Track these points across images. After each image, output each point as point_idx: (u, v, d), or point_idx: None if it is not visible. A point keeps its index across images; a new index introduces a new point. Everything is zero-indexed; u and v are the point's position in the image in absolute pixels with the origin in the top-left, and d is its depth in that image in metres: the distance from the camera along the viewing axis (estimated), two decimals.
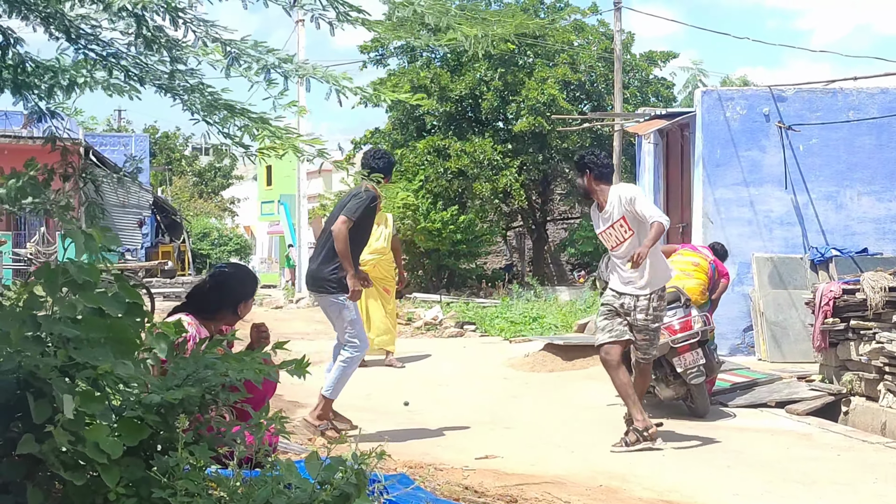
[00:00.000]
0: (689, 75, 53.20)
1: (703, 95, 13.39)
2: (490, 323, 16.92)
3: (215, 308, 5.62)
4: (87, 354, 3.35)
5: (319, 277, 7.91)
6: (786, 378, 10.53)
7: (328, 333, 16.44)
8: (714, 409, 9.18)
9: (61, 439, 3.16)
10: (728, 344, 12.79)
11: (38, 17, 6.09)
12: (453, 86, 26.68)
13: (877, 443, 8.04)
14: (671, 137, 15.39)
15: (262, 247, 60.16)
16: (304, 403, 9.45)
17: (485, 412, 9.41)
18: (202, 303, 5.66)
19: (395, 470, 6.06)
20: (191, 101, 6.38)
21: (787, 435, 8.30)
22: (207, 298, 5.66)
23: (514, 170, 26.39)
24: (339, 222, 7.79)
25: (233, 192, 61.68)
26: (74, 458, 3.25)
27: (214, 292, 5.66)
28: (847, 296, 9.64)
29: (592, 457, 7.38)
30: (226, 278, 5.80)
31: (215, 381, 3.73)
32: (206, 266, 42.97)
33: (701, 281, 9.65)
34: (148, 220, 34.57)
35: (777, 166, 13.07)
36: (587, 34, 28.36)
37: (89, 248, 3.59)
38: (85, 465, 3.27)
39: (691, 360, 8.63)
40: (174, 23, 5.93)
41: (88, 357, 3.34)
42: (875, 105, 13.16)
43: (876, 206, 13.17)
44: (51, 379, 3.23)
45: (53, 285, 3.42)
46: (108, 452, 3.22)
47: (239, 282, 5.83)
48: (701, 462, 7.21)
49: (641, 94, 28.19)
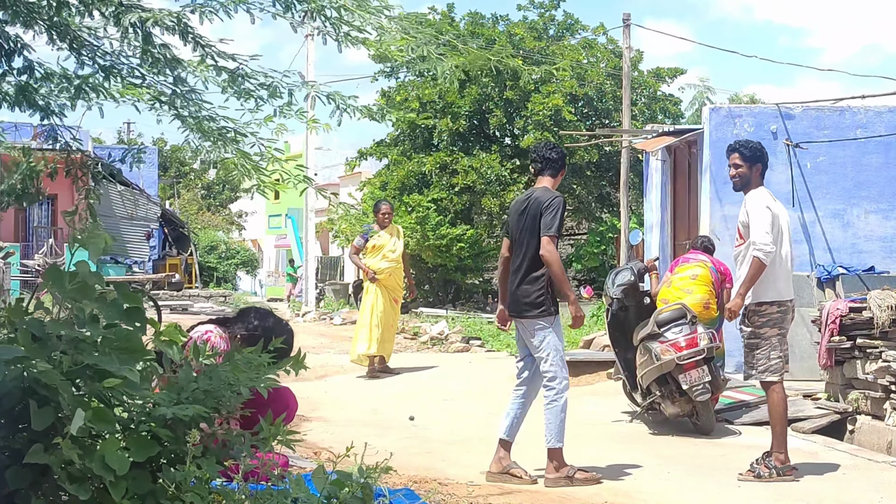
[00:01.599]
0: (695, 92, 53.36)
1: (711, 112, 13.41)
2: (496, 338, 16.93)
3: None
4: (95, 359, 3.35)
5: (521, 300, 7.21)
6: (791, 396, 10.50)
7: (334, 347, 16.50)
8: (719, 426, 9.18)
9: (70, 453, 3.16)
10: (734, 361, 12.76)
11: (42, 27, 6.15)
12: (461, 101, 26.75)
13: (882, 462, 8.02)
14: (679, 154, 15.41)
15: (269, 260, 60.24)
16: (310, 417, 9.47)
17: (490, 428, 9.39)
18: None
19: (400, 485, 6.07)
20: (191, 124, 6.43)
21: (793, 453, 8.26)
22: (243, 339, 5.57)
23: (522, 185, 26.42)
24: (546, 243, 7.08)
25: (240, 206, 61.81)
26: (81, 472, 3.25)
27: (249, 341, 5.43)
28: (854, 314, 9.63)
29: (598, 473, 7.37)
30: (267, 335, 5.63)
31: (228, 396, 3.73)
32: (213, 279, 43.03)
33: (702, 295, 9.60)
34: (156, 233, 34.64)
35: (784, 183, 13.07)
36: (595, 51, 28.41)
37: (95, 251, 3.60)
38: (91, 478, 3.27)
39: (697, 378, 8.64)
40: (183, 37, 5.98)
41: (96, 361, 3.34)
42: (883, 123, 13.17)
43: (883, 224, 13.17)
44: (56, 385, 3.23)
45: (62, 288, 3.43)
46: (114, 469, 3.22)
47: (281, 332, 5.61)
48: (706, 479, 7.21)
49: (649, 111, 28.21)
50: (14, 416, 3.29)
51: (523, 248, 7.23)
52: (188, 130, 6.45)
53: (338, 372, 13.28)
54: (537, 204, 7.21)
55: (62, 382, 3.23)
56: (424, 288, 26.76)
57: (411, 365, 13.89)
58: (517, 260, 7.26)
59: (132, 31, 5.80)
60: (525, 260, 7.21)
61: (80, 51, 6.40)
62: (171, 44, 6.18)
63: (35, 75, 6.64)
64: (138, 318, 3.54)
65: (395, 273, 13.06)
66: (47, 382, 3.21)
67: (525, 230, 7.23)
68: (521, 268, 7.22)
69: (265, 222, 60.04)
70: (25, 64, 6.58)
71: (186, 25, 5.92)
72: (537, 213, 7.18)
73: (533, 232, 7.18)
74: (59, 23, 6.17)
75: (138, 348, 3.49)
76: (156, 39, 6.07)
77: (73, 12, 5.99)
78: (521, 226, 7.26)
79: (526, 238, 7.22)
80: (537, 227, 7.15)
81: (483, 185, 26.10)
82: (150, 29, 5.89)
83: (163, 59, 6.19)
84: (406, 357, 14.97)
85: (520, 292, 7.21)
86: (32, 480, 3.30)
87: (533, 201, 7.26)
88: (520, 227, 7.27)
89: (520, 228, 7.27)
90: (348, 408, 10.56)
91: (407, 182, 26.79)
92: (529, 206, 7.25)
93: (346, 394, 11.59)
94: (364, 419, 9.75)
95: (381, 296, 12.91)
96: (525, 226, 7.23)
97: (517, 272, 7.24)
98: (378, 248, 12.99)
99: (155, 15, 5.78)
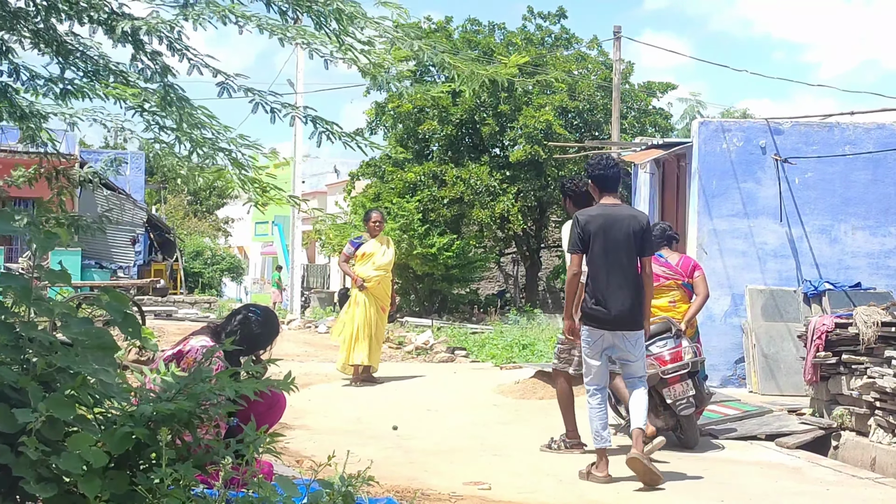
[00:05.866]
0: (686, 106, 53.55)
1: (701, 126, 13.42)
2: (481, 349, 16.89)
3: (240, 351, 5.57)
4: (68, 360, 3.31)
5: (634, 314, 7.54)
6: (776, 411, 10.50)
7: (318, 356, 16.44)
8: (704, 440, 9.15)
9: (31, 446, 3.12)
10: (719, 375, 12.76)
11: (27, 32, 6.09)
12: (454, 109, 26.75)
13: (866, 478, 8.00)
14: (667, 167, 15.42)
15: (255, 267, 60.16)
16: (294, 426, 9.41)
17: (474, 439, 9.37)
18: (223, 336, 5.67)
19: (382, 494, 6.03)
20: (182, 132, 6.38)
21: (777, 468, 8.27)
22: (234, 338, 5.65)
23: (512, 196, 26.43)
24: (648, 263, 7.69)
25: (227, 212, 61.70)
26: (52, 470, 3.20)
27: (243, 337, 5.65)
28: (840, 330, 9.62)
29: (581, 486, 7.34)
30: (258, 328, 5.85)
31: (210, 397, 3.69)
32: (199, 285, 42.90)
33: (670, 296, 9.42)
34: (141, 238, 34.51)
35: (772, 198, 13.08)
36: (587, 63, 28.46)
37: (47, 245, 3.56)
38: (59, 477, 3.22)
39: (681, 392, 8.61)
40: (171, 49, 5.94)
41: (70, 363, 3.30)
42: (871, 140, 13.19)
43: (870, 240, 13.18)
44: (25, 387, 3.19)
45: (26, 291, 3.39)
46: (90, 461, 3.18)
47: (267, 331, 5.92)
48: (689, 494, 7.18)
49: (639, 124, 28.30)
50: None
51: (624, 264, 7.53)
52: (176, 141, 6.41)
53: (322, 381, 13.21)
54: (637, 223, 7.62)
55: (33, 387, 3.19)
56: (410, 297, 26.73)
57: (396, 374, 13.85)
58: (616, 276, 7.53)
59: (123, 39, 5.75)
60: (629, 276, 7.54)
61: (66, 57, 6.35)
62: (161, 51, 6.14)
63: (21, 77, 6.60)
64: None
65: (383, 281, 13.07)
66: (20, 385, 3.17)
67: (627, 247, 7.54)
68: (626, 284, 7.51)
69: (251, 229, 59.94)
70: (11, 67, 6.53)
71: (180, 33, 5.87)
72: (640, 232, 7.59)
73: (635, 250, 7.57)
74: (45, 29, 6.12)
75: (110, 345, 3.45)
76: (147, 47, 6.03)
77: (63, 18, 5.94)
78: (620, 243, 7.54)
79: (626, 255, 7.54)
80: (639, 246, 7.58)
81: (471, 196, 26.10)
82: (141, 37, 5.85)
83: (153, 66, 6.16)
84: (391, 366, 14.92)
85: (633, 306, 7.52)
86: (11, 484, 3.26)
87: (632, 219, 7.64)
88: (618, 244, 7.54)
89: (618, 245, 7.54)
90: (332, 416, 10.50)
91: (396, 190, 26.82)
92: (631, 224, 7.58)
93: (330, 402, 11.53)
94: (347, 428, 9.70)
95: (369, 304, 12.90)
96: (630, 243, 7.54)
97: (622, 288, 7.51)
98: (367, 256, 12.97)
99: (148, 23, 5.74)
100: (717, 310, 12.86)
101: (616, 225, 7.55)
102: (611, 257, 7.50)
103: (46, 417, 3.14)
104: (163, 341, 15.78)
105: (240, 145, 6.39)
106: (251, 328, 5.83)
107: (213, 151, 6.32)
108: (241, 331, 5.75)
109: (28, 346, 3.38)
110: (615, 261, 7.50)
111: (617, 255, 7.51)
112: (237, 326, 5.82)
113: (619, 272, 7.50)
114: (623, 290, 7.49)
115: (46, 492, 3.16)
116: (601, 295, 7.50)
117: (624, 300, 7.48)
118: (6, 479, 3.25)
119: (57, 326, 3.59)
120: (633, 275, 7.56)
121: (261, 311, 6.06)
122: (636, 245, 7.56)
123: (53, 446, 3.21)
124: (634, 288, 7.53)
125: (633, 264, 7.57)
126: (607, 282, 7.49)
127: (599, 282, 7.51)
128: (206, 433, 3.82)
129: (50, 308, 3.46)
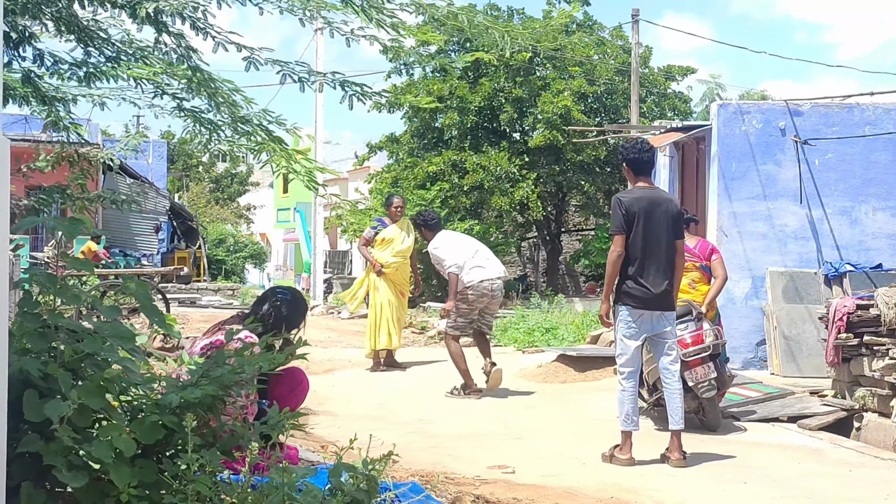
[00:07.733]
0: (706, 89, 53.24)
1: (720, 109, 13.38)
2: (503, 333, 16.92)
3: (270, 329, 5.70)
4: (95, 346, 3.36)
5: (669, 296, 7.71)
6: (798, 393, 10.50)
7: (342, 341, 16.50)
8: (726, 423, 9.17)
9: (64, 434, 3.16)
10: (741, 358, 12.76)
11: (50, 17, 6.15)
12: (471, 97, 26.71)
13: (889, 459, 8.01)
14: (687, 150, 15.38)
15: (277, 254, 60.28)
16: (318, 411, 9.48)
17: (497, 423, 9.42)
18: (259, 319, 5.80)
19: (406, 478, 6.08)
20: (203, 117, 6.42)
21: (799, 450, 8.28)
22: (266, 321, 5.80)
23: (531, 182, 26.38)
24: (682, 245, 7.89)
25: (249, 199, 61.80)
26: (82, 459, 3.24)
27: (274, 320, 5.84)
28: (861, 311, 9.61)
29: (604, 469, 7.38)
30: (286, 309, 5.97)
31: (231, 379, 3.74)
32: (222, 272, 43.06)
33: (689, 278, 9.40)
34: (164, 226, 34.68)
35: (792, 180, 13.04)
36: (606, 48, 28.36)
37: (73, 231, 3.60)
38: (89, 466, 3.26)
39: (703, 374, 8.63)
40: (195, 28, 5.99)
41: (97, 349, 3.35)
42: (891, 121, 13.12)
43: (891, 221, 13.13)
44: (56, 375, 3.23)
45: (51, 279, 3.44)
46: (121, 449, 3.21)
47: (297, 311, 6.07)
48: (712, 476, 7.21)
49: (658, 108, 28.19)
50: (19, 408, 3.30)
51: (662, 247, 7.67)
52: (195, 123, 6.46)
53: (345, 366, 13.29)
54: (675, 207, 7.86)
55: (61, 374, 3.23)
56: (432, 283, 26.75)
57: (419, 359, 13.90)
58: (656, 258, 7.66)
59: (147, 20, 5.80)
60: (667, 258, 7.68)
61: (88, 42, 6.40)
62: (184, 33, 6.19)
63: (45, 63, 6.66)
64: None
65: (401, 268, 13.09)
66: (48, 372, 3.21)
67: (667, 230, 7.69)
68: (665, 265, 7.66)
69: (273, 216, 60.06)
70: (35, 53, 6.60)
71: (205, 13, 5.92)
72: (677, 216, 7.80)
73: (672, 234, 7.73)
74: (68, 14, 6.17)
75: (127, 335, 3.50)
76: (171, 28, 6.07)
77: (86, 3, 5.98)
78: (661, 226, 7.68)
79: (664, 237, 7.68)
80: (676, 229, 7.76)
81: (491, 183, 26.08)
82: (165, 18, 5.90)
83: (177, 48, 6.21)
84: (413, 351, 14.98)
85: (669, 288, 7.68)
86: (40, 472, 3.30)
87: (669, 203, 7.84)
88: (659, 226, 7.68)
89: (659, 228, 7.68)
90: (355, 402, 10.57)
91: (417, 181, 26.82)
92: (669, 207, 7.77)
93: (353, 388, 11.60)
94: (371, 413, 9.76)
95: (389, 290, 12.94)
96: (668, 226, 7.70)
97: (661, 270, 7.66)
98: (387, 241, 12.98)
99: (171, 5, 5.79)
100: (737, 292, 12.85)
101: (658, 208, 7.68)
102: (652, 239, 7.63)
103: (78, 406, 3.18)
104: (187, 329, 15.89)
105: (264, 119, 6.46)
106: (281, 311, 5.93)
107: (252, 128, 6.39)
108: (274, 315, 5.87)
109: (54, 335, 3.42)
110: (656, 242, 7.64)
111: (658, 237, 7.65)
112: (270, 311, 5.93)
113: (659, 253, 7.65)
114: (663, 271, 7.64)
115: (78, 480, 3.19)
116: (644, 275, 7.61)
117: (663, 281, 7.63)
118: (35, 467, 3.28)
119: (83, 314, 3.64)
120: (672, 257, 7.70)
121: (289, 292, 6.16)
122: (673, 228, 7.72)
123: (83, 434, 3.25)
124: (671, 269, 7.70)
125: (672, 246, 7.71)
126: (649, 262, 7.61)
127: (642, 262, 7.62)
128: (234, 419, 3.88)
129: (76, 295, 3.50)
